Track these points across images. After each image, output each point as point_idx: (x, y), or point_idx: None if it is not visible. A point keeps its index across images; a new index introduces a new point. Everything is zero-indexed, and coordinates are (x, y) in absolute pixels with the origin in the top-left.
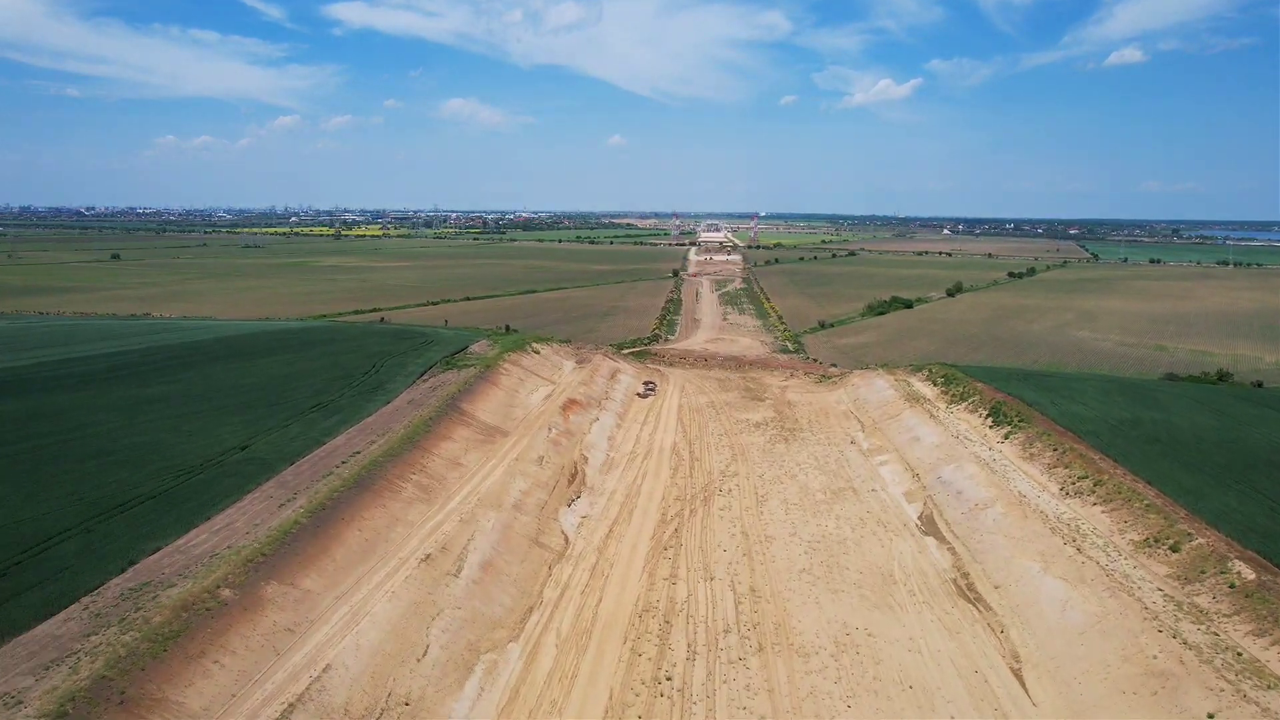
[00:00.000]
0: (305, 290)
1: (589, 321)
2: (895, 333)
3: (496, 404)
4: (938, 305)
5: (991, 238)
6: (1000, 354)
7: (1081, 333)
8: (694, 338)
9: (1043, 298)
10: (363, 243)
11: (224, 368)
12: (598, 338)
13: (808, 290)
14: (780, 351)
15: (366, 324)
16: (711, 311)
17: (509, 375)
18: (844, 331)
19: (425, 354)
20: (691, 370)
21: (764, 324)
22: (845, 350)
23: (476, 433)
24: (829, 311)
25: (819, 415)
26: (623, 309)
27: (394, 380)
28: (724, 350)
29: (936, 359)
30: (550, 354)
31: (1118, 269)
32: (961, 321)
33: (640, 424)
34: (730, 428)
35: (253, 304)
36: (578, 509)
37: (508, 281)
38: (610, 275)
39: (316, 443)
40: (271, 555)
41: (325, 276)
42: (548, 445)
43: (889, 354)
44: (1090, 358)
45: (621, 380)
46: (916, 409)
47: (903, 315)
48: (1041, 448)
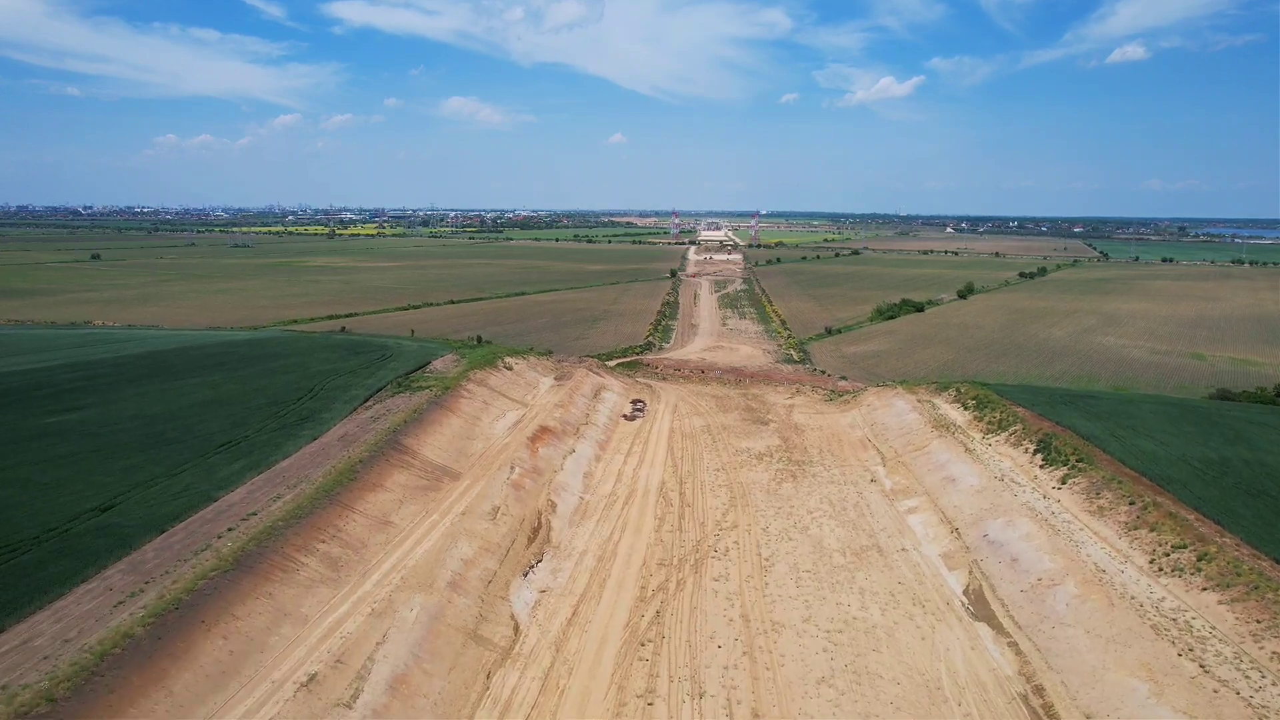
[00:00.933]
0: (283, 293)
1: (578, 327)
2: (907, 339)
3: (450, 436)
4: (950, 308)
5: (996, 236)
6: (1024, 364)
7: (1107, 338)
8: (691, 345)
9: (1059, 299)
10: (356, 242)
11: (135, 392)
12: (586, 346)
13: (811, 292)
14: (784, 362)
15: (325, 334)
16: (710, 316)
17: (471, 398)
18: (852, 338)
19: (378, 372)
20: (687, 385)
21: (766, 330)
22: (855, 360)
23: (419, 477)
24: (835, 315)
25: (831, 443)
26: (616, 313)
27: (331, 408)
28: (723, 360)
29: (955, 371)
30: (525, 370)
31: (1131, 268)
32: (977, 326)
33: (624, 455)
34: (729, 460)
35: (224, 308)
36: (536, 578)
37: (498, 283)
38: (606, 276)
39: (206, 499)
40: (68, 698)
41: (309, 278)
42: (507, 491)
43: (903, 364)
44: (1124, 369)
45: (606, 399)
46: (947, 440)
47: (914, 319)
48: (1113, 499)
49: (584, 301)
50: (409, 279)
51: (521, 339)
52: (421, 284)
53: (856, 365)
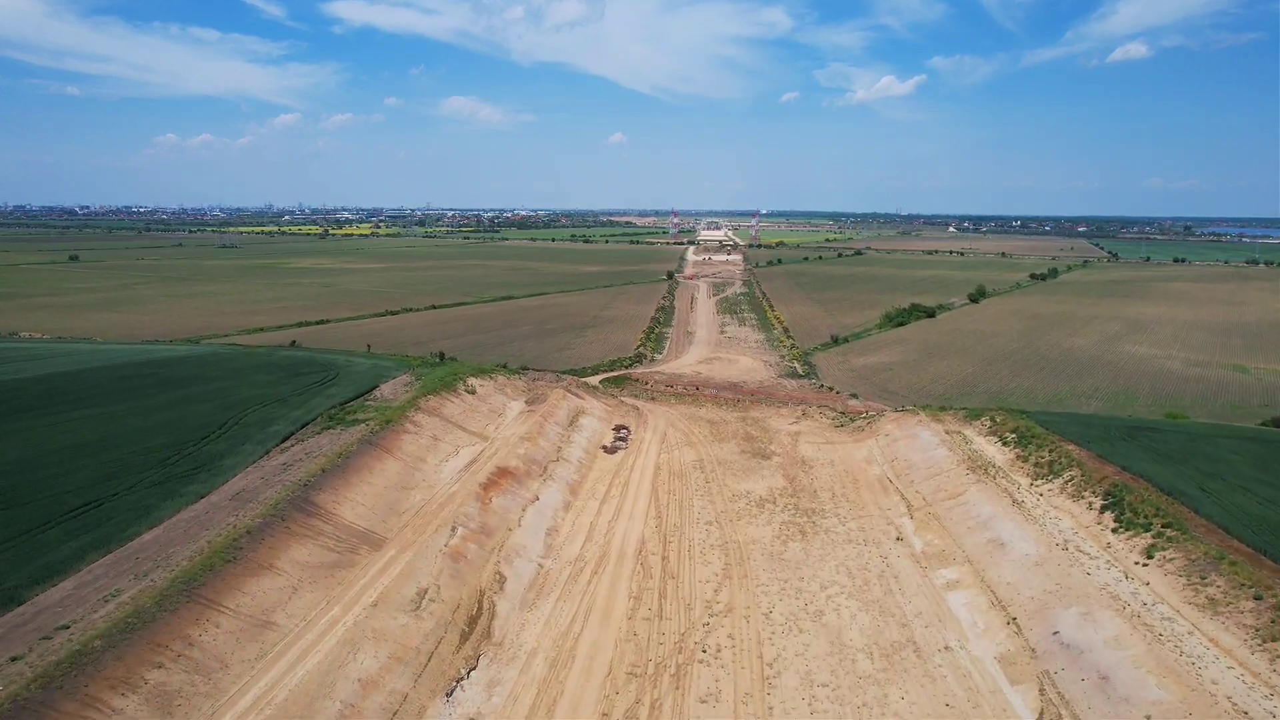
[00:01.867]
0: (257, 297)
1: (565, 336)
2: (921, 349)
3: (380, 488)
4: (962, 313)
5: (1000, 235)
6: (1052, 378)
7: (1136, 347)
8: (685, 357)
9: (1077, 303)
10: (348, 243)
11: (4, 429)
12: (570, 358)
13: (815, 295)
14: (787, 376)
15: (271, 350)
16: (708, 322)
17: (416, 433)
18: (861, 348)
19: (313, 400)
20: (678, 407)
21: (767, 338)
22: (865, 373)
23: (328, 548)
24: (841, 321)
25: (845, 484)
26: (606, 319)
27: (239, 450)
28: (720, 375)
29: (977, 386)
30: (490, 393)
31: (1144, 269)
32: (995, 334)
33: (600, 501)
34: (724, 508)
35: (187, 314)
36: (465, 699)
37: (486, 285)
38: (599, 278)
39: (8, 601)
40: None
41: (289, 281)
42: (441, 564)
43: (918, 379)
44: (1161, 383)
45: (584, 427)
46: (987, 486)
47: (925, 326)
48: (1228, 588)
49: (574, 306)
50: (394, 281)
51: (501, 350)
52: (406, 287)
53: (867, 380)
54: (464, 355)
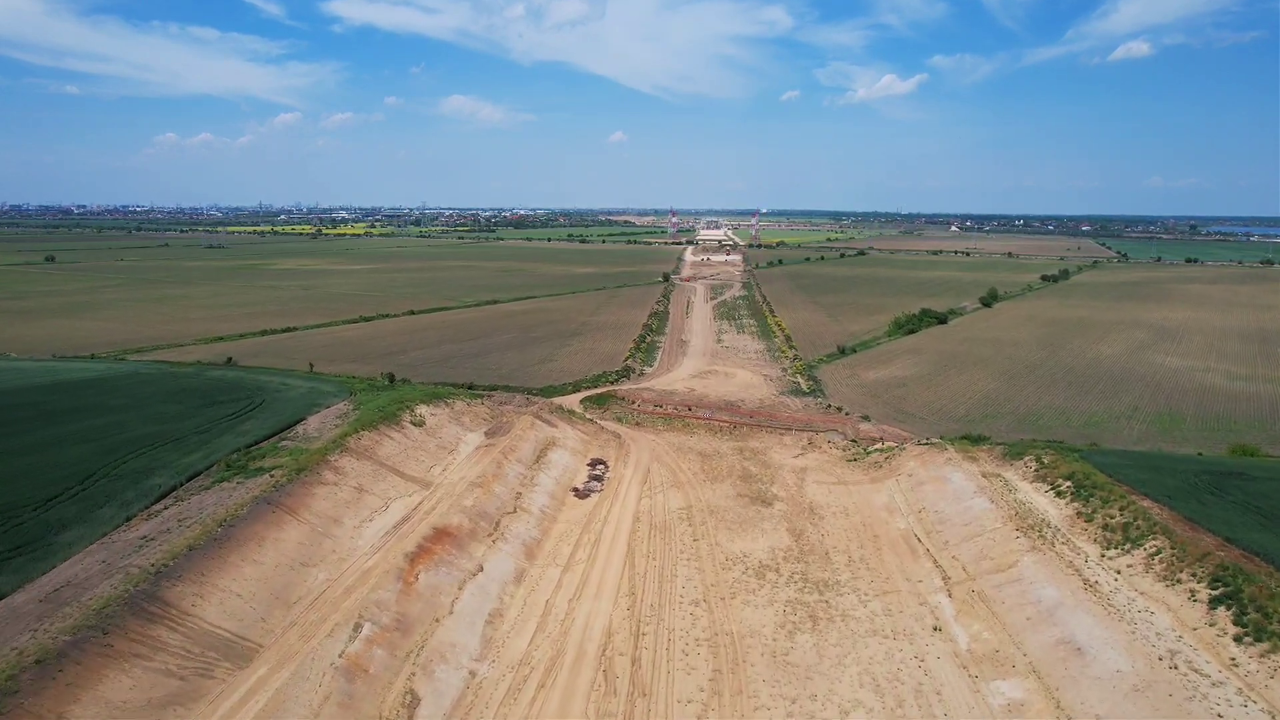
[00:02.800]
0: (229, 301)
1: (548, 345)
2: (936, 360)
3: (271, 567)
4: (976, 319)
5: (1003, 235)
6: (1086, 395)
7: (1168, 358)
8: (678, 370)
9: (1095, 308)
10: (339, 243)
11: None
12: (550, 372)
13: (818, 299)
14: (790, 393)
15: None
16: (703, 330)
17: (336, 485)
18: (870, 359)
19: (217, 440)
20: (666, 434)
21: (768, 348)
22: (876, 390)
23: (166, 672)
24: (847, 328)
25: (863, 540)
26: (595, 327)
27: (91, 516)
28: (716, 391)
29: (1003, 405)
30: (443, 423)
31: (1158, 270)
32: (1013, 343)
33: (561, 569)
34: (715, 578)
35: (150, 321)
36: None
37: (472, 288)
38: (592, 280)
39: None
40: None
41: (267, 283)
42: (331, 685)
43: (936, 396)
44: (1208, 401)
45: (553, 464)
46: (1045, 555)
47: (938, 334)
48: None
49: (561, 312)
50: (377, 284)
51: (476, 362)
52: (388, 290)
53: (879, 398)
54: (436, 368)
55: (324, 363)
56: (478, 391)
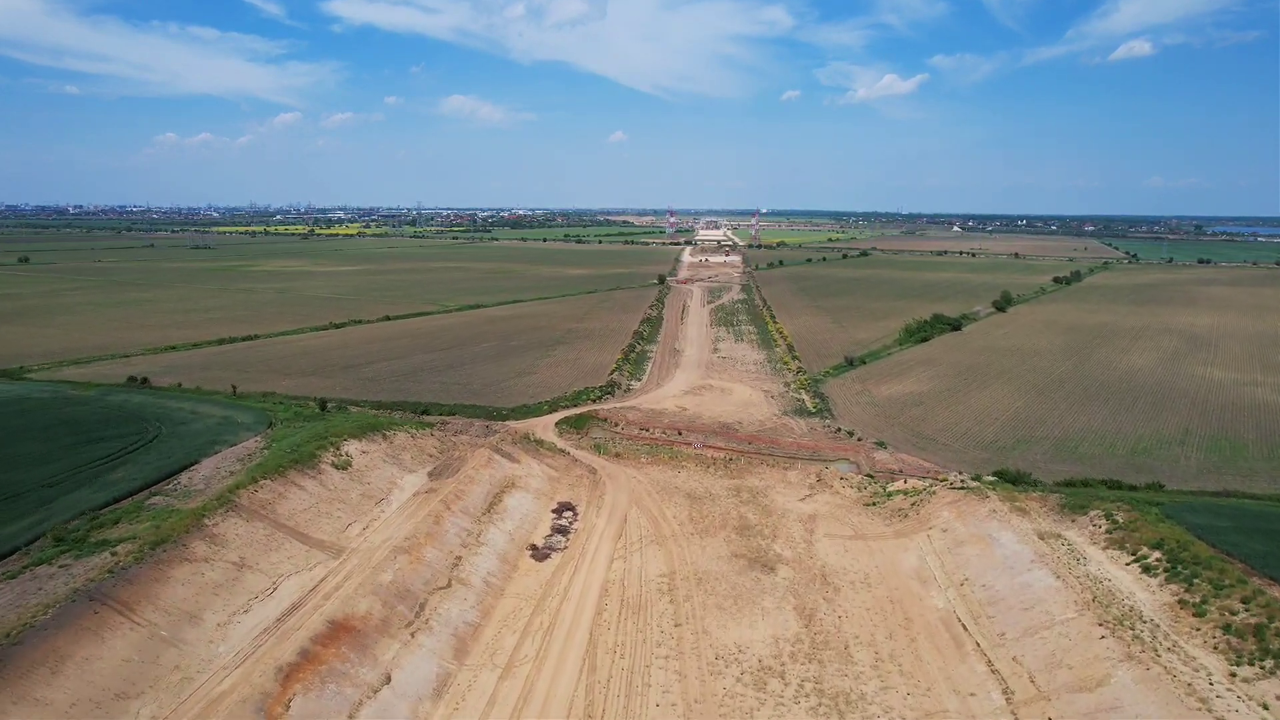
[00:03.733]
0: (196, 306)
1: (528, 356)
2: (954, 373)
3: (60, 709)
4: (991, 325)
5: (1006, 235)
6: (1124, 414)
7: (1210, 370)
8: (669, 385)
9: (1115, 312)
10: (330, 243)
11: None
12: (527, 388)
13: (822, 303)
14: (794, 413)
15: (101, 392)
16: (699, 338)
17: (206, 560)
18: (882, 372)
19: (67, 496)
20: (651, 469)
21: (768, 358)
22: (891, 409)
23: None
24: (854, 336)
25: (892, 626)
26: (582, 334)
27: None
28: (710, 410)
29: (1035, 427)
30: (375, 462)
31: (1172, 271)
32: (1035, 352)
33: (499, 674)
34: (700, 692)
35: (102, 328)
36: None
37: (457, 291)
38: (585, 282)
39: None
40: None
41: (243, 286)
42: None
43: (959, 416)
44: (1273, 425)
45: (509, 513)
46: (1146, 669)
47: (952, 342)
48: None
49: (547, 317)
50: (358, 286)
51: (446, 376)
52: (369, 293)
53: (894, 419)
54: (398, 383)
55: (275, 378)
56: (428, 420)
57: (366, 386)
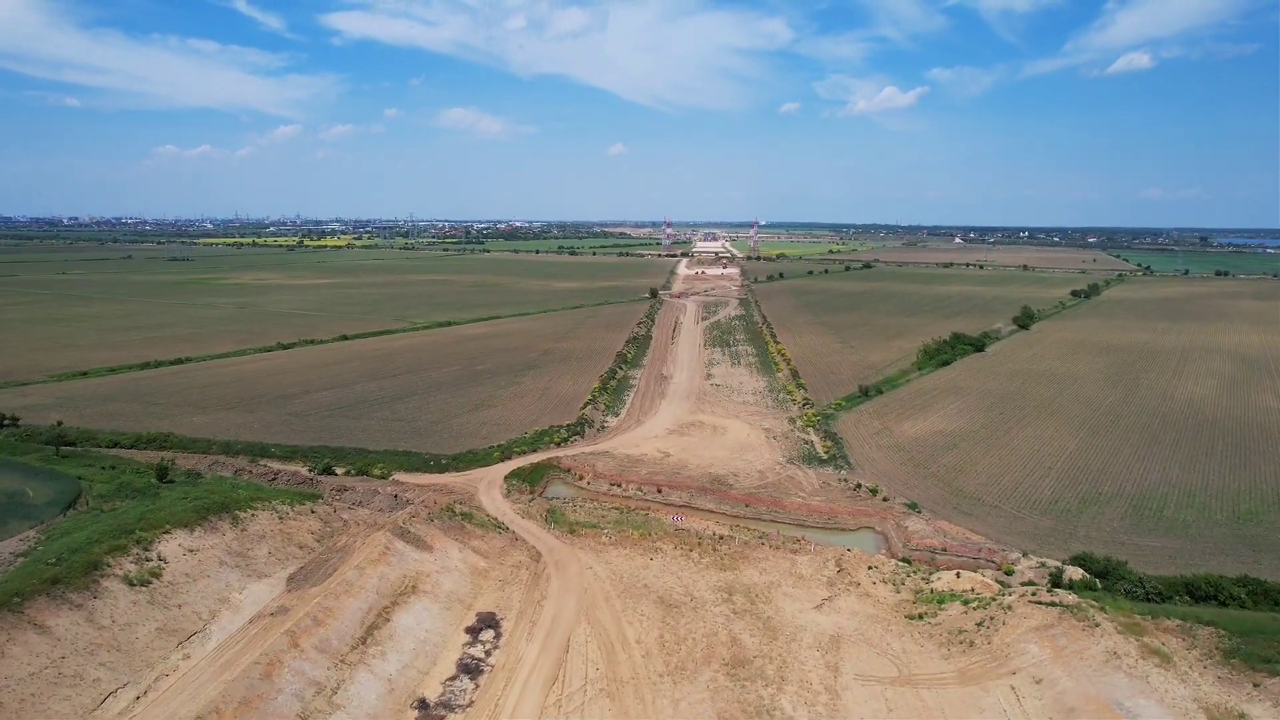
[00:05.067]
0: (141, 323)
1: (492, 384)
2: (986, 405)
3: None
4: (1017, 345)
5: (1009, 246)
6: (1205, 460)
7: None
8: (652, 421)
9: (1148, 330)
10: (316, 255)
11: None
12: (481, 425)
13: (827, 319)
14: (802, 459)
15: None
16: (691, 360)
17: None
18: (902, 403)
19: None
20: (614, 555)
21: (769, 385)
22: (919, 454)
23: None
24: (865, 358)
25: None
26: (559, 356)
27: None
28: (699, 456)
29: (1103, 485)
30: (204, 566)
31: (1192, 284)
32: (1073, 378)
33: None
34: None
35: (24, 348)
36: None
37: (433, 306)
38: (572, 296)
39: None
40: None
41: (204, 301)
42: None
43: (1005, 463)
44: None
45: (396, 640)
46: None
47: (978, 366)
48: None
49: (524, 336)
50: (327, 301)
51: (391, 410)
52: (336, 308)
53: (926, 469)
54: (333, 418)
55: (185, 413)
56: (312, 490)
57: (288, 425)
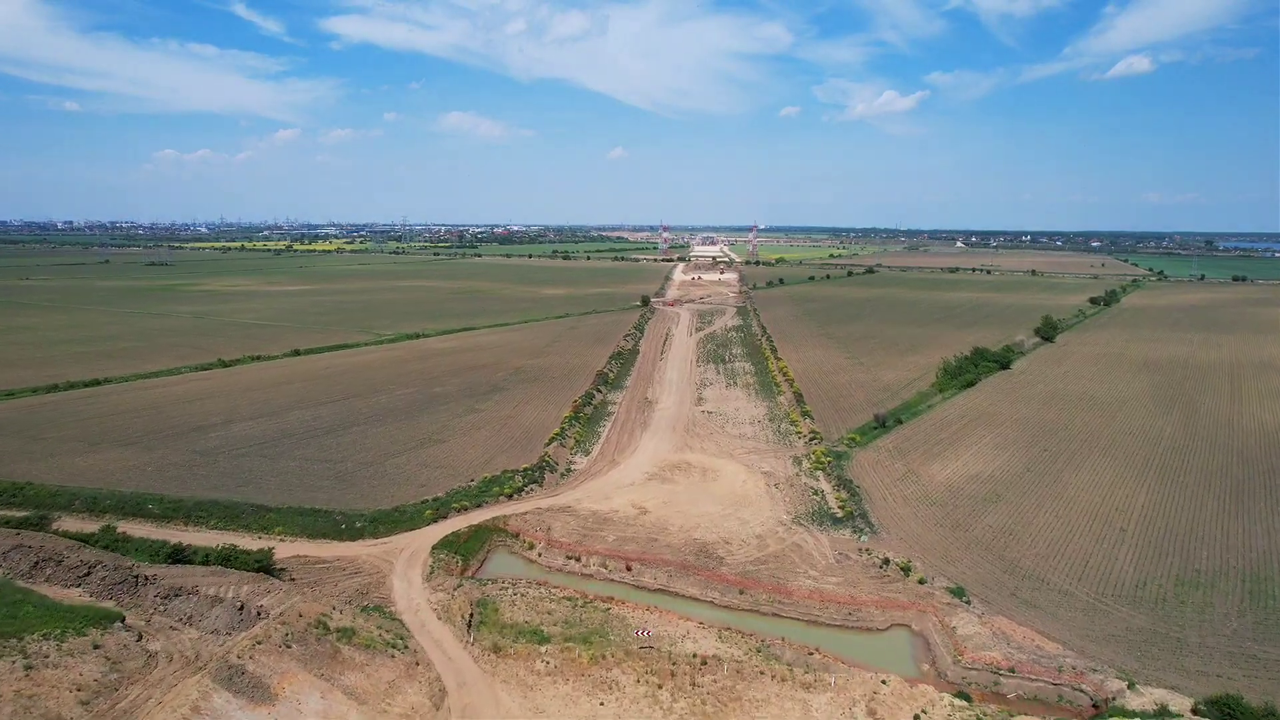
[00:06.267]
0: (75, 336)
1: (445, 411)
2: (1026, 439)
3: None
4: (1044, 360)
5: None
6: None
7: None
8: (629, 463)
9: (1183, 341)
10: (298, 260)
11: None
12: (419, 469)
13: (832, 330)
14: (812, 519)
15: None
16: (680, 380)
17: None
18: (927, 436)
19: None
20: (548, 688)
21: (770, 413)
22: (956, 507)
23: None
24: (877, 377)
25: None
26: (531, 375)
27: None
28: (682, 515)
29: (1195, 560)
30: None
31: (1214, 290)
32: (1118, 402)
33: None
34: None
35: None
36: None
37: (405, 316)
38: (558, 305)
39: None
40: None
41: (162, 310)
42: None
43: (1067, 526)
44: None
45: None
46: None
47: (1006, 386)
48: None
49: (498, 351)
50: (294, 310)
51: (315, 445)
52: (301, 317)
53: (967, 532)
54: (243, 459)
55: (70, 451)
56: (121, 598)
57: (188, 468)
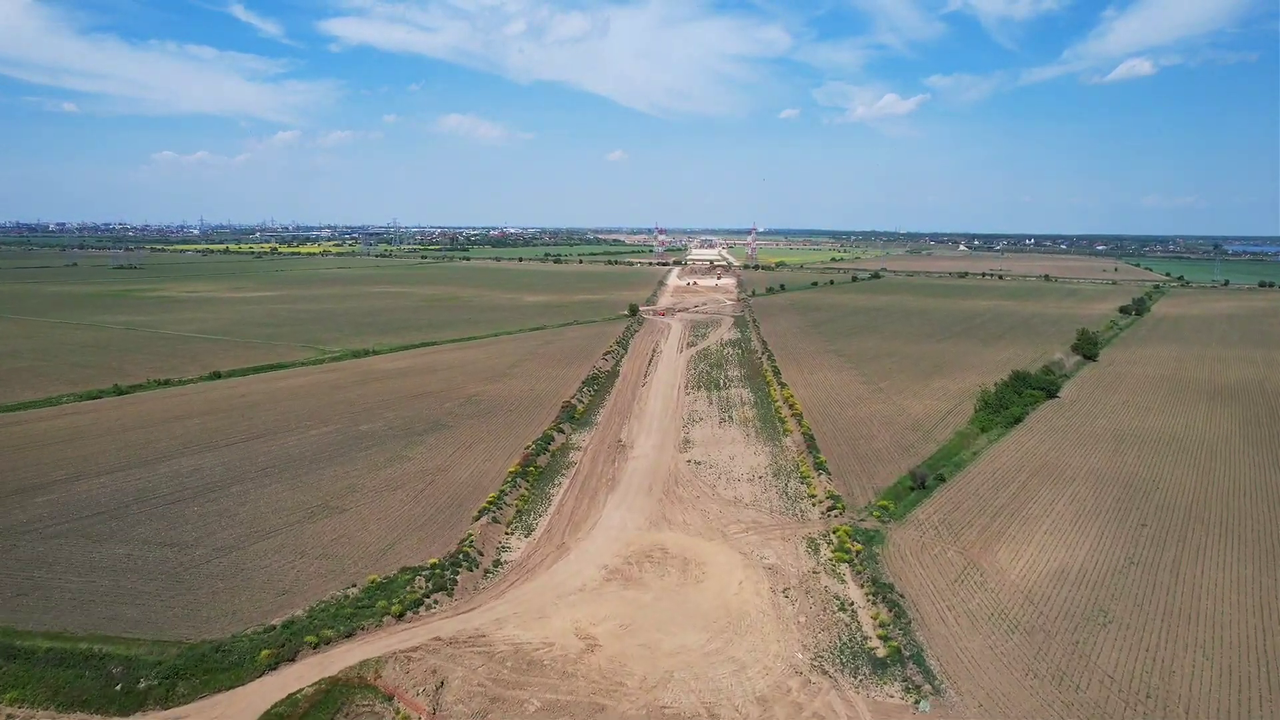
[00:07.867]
0: None
1: (362, 462)
2: (1113, 505)
3: None
4: (1094, 384)
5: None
6: None
7: None
8: (582, 549)
9: (1244, 359)
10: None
11: None
12: (283, 563)
13: (842, 347)
14: (840, 658)
15: None
16: (664, 413)
17: None
18: (981, 501)
19: None
20: None
21: (773, 462)
22: (1050, 637)
23: None
24: (903, 408)
25: None
26: (484, 407)
27: None
28: (645, 658)
29: None
30: None
31: (1246, 297)
32: (1208, 445)
33: None
34: None
35: None
36: None
37: (363, 328)
38: (538, 313)
39: None
40: None
41: (96, 321)
42: None
43: (1226, 677)
44: None
45: None
46: None
47: (1060, 423)
48: None
49: (452, 373)
50: (245, 320)
51: (171, 514)
52: (251, 329)
53: (1079, 692)
54: (72, 535)
55: None
56: None
57: None
